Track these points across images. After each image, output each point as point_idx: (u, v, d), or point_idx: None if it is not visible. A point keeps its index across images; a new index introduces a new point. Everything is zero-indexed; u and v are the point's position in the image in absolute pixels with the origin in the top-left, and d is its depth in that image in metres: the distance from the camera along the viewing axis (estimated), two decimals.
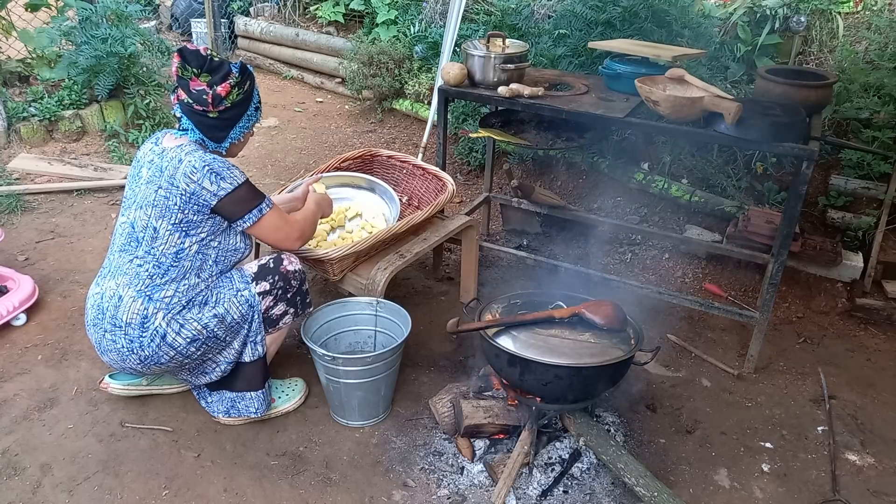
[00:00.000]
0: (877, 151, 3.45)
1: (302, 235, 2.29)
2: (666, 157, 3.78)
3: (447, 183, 2.92)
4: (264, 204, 2.15)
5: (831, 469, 2.33)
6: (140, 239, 2.10)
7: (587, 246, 3.56)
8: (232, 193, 2.07)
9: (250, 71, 2.14)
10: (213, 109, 2.06)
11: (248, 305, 2.22)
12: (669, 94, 2.48)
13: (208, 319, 2.14)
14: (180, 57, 2.02)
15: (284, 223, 2.22)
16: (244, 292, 2.21)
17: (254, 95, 2.18)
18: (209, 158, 2.06)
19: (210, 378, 2.31)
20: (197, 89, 2.03)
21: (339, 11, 6.12)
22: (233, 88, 2.06)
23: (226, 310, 2.17)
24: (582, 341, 2.20)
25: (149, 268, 2.09)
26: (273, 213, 2.18)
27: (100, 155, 4.49)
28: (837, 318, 3.19)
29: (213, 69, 2.04)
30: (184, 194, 2.03)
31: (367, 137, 5.05)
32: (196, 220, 2.07)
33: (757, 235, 3.28)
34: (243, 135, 2.20)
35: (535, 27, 4.32)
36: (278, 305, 2.30)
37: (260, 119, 2.26)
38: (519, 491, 2.15)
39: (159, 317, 2.09)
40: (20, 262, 3.35)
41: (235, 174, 2.09)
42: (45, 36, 4.41)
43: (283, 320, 2.34)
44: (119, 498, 2.12)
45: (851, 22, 4.23)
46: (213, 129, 2.11)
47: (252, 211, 2.12)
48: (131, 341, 2.10)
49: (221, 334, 2.19)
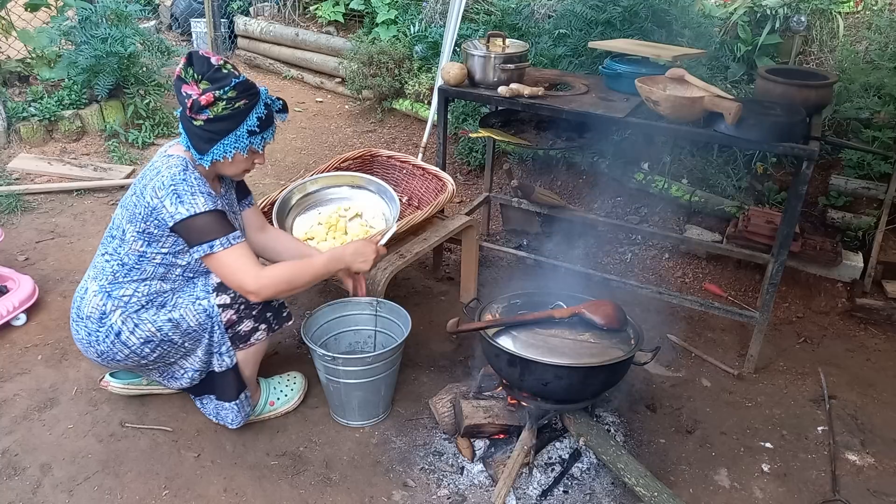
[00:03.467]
0: (877, 151, 3.45)
1: (259, 291, 2.02)
2: (666, 157, 3.78)
3: (447, 183, 2.92)
4: (218, 242, 1.98)
5: (831, 469, 2.33)
6: (113, 236, 2.13)
7: (587, 246, 3.56)
8: (187, 220, 1.97)
9: (253, 92, 2.00)
10: (195, 116, 1.97)
11: (205, 315, 2.13)
12: (669, 94, 2.48)
13: (162, 322, 2.10)
14: (187, 59, 1.97)
15: (238, 270, 2.01)
16: (203, 301, 2.12)
17: (249, 118, 2.00)
18: (180, 178, 1.98)
19: (181, 384, 2.27)
20: (185, 92, 1.96)
21: (338, 11, 6.12)
22: (217, 100, 1.94)
23: (181, 315, 2.11)
24: (582, 341, 2.20)
25: (114, 265, 2.11)
26: (228, 254, 2.00)
27: (100, 155, 4.49)
28: (837, 318, 3.19)
29: (214, 79, 1.95)
30: (147, 207, 2.01)
31: (366, 137, 5.05)
32: (157, 234, 2.04)
33: (757, 235, 3.28)
34: (231, 155, 2.02)
35: (535, 27, 4.32)
36: (245, 322, 2.19)
37: (260, 147, 2.07)
38: (519, 491, 2.15)
39: (116, 314, 2.09)
40: (20, 262, 3.35)
41: (197, 202, 1.97)
42: (44, 36, 4.41)
43: (254, 336, 2.23)
44: (119, 498, 2.12)
45: (852, 22, 4.22)
46: (197, 139, 2.01)
47: (203, 244, 1.98)
48: (89, 334, 2.13)
49: (178, 339, 2.14)
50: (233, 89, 1.95)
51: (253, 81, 2.02)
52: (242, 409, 2.32)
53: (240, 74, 2.00)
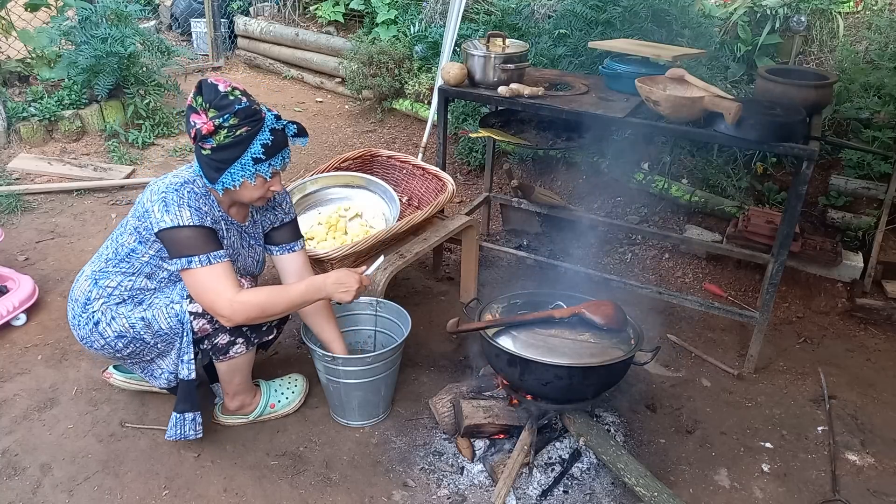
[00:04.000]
0: (877, 151, 3.45)
1: (232, 316, 1.98)
2: (666, 157, 3.78)
3: (447, 183, 2.92)
4: (197, 258, 1.96)
5: (831, 469, 2.33)
6: (122, 224, 2.16)
7: (587, 246, 3.56)
8: (170, 230, 1.95)
9: (256, 119, 1.95)
10: (202, 145, 1.96)
11: (177, 320, 2.09)
12: (669, 94, 2.48)
13: (135, 320, 2.10)
14: (197, 88, 1.96)
15: (211, 291, 1.98)
16: (175, 306, 2.09)
17: (252, 145, 1.95)
18: (173, 188, 1.97)
19: (159, 383, 2.26)
20: (192, 122, 1.96)
21: (338, 11, 6.12)
22: (217, 129, 1.91)
23: (153, 316, 2.10)
24: (582, 341, 2.20)
25: (108, 253, 2.15)
26: (205, 272, 1.97)
27: (100, 155, 4.49)
28: (837, 318, 3.19)
29: (220, 106, 1.92)
30: (140, 208, 2.04)
31: (366, 137, 5.05)
32: (146, 237, 2.05)
33: (757, 235, 3.29)
34: (239, 183, 1.98)
35: (535, 27, 4.32)
36: (220, 335, 2.14)
37: (267, 175, 2.00)
38: (519, 491, 2.15)
39: (98, 303, 2.13)
40: (20, 262, 3.35)
41: (182, 214, 1.95)
42: (44, 36, 4.41)
43: (233, 349, 2.19)
44: (119, 498, 2.12)
45: (852, 22, 4.23)
46: (206, 167, 2.00)
47: (182, 258, 1.96)
48: (74, 317, 2.18)
49: (149, 339, 2.12)
50: (234, 116, 1.92)
51: (258, 108, 1.97)
52: (181, 427, 2.18)
53: (244, 101, 1.94)
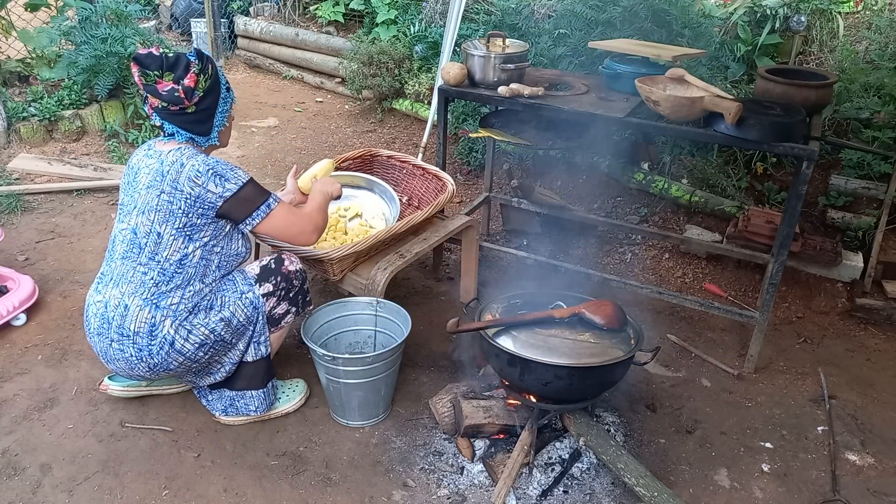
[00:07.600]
0: (877, 151, 3.45)
1: (316, 227, 2.26)
2: (666, 157, 3.78)
3: (447, 183, 2.92)
4: (271, 199, 2.14)
5: (831, 469, 2.33)
6: (143, 245, 2.08)
7: (587, 246, 3.56)
8: (237, 193, 2.08)
9: (207, 55, 2.12)
10: (189, 104, 2.05)
11: (252, 307, 2.23)
12: (669, 94, 2.48)
13: (215, 324, 2.15)
14: (138, 65, 2.01)
15: (296, 217, 2.22)
16: (248, 294, 2.22)
17: (220, 76, 2.15)
18: (212, 161, 2.08)
19: (214, 379, 2.31)
20: (166, 90, 2.01)
21: (338, 11, 6.12)
22: (199, 76, 2.04)
23: (231, 313, 2.18)
24: (582, 341, 2.19)
25: (153, 275, 2.08)
26: (282, 208, 2.17)
27: (100, 155, 4.49)
28: (837, 318, 3.19)
29: (172, 65, 2.03)
30: (188, 198, 2.03)
31: (366, 137, 5.05)
32: (200, 224, 2.07)
33: (757, 235, 3.28)
34: (227, 118, 2.20)
35: (535, 27, 4.31)
36: (281, 305, 2.31)
37: (234, 98, 2.23)
38: (519, 491, 2.15)
39: (167, 324, 2.08)
40: (20, 262, 3.35)
41: (239, 174, 2.10)
42: (44, 36, 4.41)
43: (285, 319, 2.35)
44: (119, 498, 2.12)
45: (852, 22, 4.23)
46: (197, 125, 2.10)
47: (260, 207, 2.12)
48: (140, 350, 2.10)
49: (228, 337, 2.20)
50: (198, 61, 2.06)
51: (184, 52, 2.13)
52: (269, 396, 2.39)
53: (177, 52, 2.10)
